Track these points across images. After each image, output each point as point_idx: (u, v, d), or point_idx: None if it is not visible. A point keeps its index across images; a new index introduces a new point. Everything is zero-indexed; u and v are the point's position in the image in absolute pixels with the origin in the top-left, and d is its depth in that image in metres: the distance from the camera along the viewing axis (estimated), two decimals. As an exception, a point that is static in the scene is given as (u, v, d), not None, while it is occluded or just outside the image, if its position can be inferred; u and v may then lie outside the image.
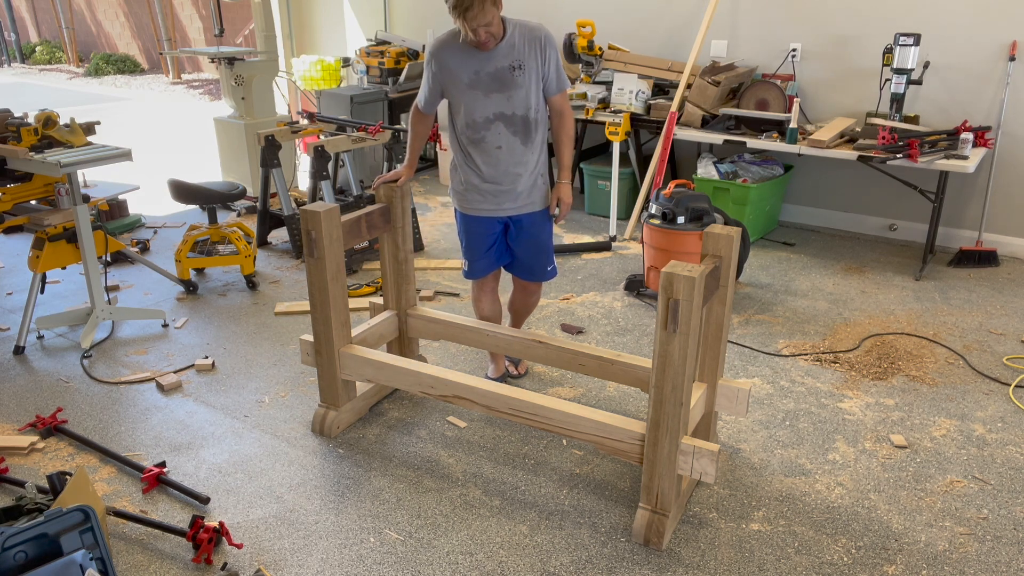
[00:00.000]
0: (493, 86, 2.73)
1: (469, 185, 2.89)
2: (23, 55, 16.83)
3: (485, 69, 2.72)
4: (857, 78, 4.85)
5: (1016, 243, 4.69)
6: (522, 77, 2.73)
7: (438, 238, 5.06)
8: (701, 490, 2.60)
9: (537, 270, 3.04)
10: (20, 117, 3.66)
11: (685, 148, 5.55)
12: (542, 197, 2.94)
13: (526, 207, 2.91)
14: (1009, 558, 2.29)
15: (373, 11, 6.82)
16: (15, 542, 1.88)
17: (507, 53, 2.70)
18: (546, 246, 3.01)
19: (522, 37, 2.71)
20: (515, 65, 2.71)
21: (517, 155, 2.82)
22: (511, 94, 2.74)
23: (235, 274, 4.47)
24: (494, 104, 2.76)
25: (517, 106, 2.76)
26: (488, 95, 2.75)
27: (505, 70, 2.71)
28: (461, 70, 2.74)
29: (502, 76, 2.72)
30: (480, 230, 2.95)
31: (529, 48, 2.71)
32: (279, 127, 4.73)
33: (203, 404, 3.13)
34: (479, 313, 3.16)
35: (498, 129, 2.79)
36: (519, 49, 2.71)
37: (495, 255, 3.02)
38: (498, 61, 2.71)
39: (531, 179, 2.88)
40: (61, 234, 3.59)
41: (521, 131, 2.80)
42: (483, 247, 2.98)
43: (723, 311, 2.47)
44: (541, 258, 3.02)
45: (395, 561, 2.28)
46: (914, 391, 3.20)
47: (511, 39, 2.70)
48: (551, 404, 2.44)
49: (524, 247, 2.98)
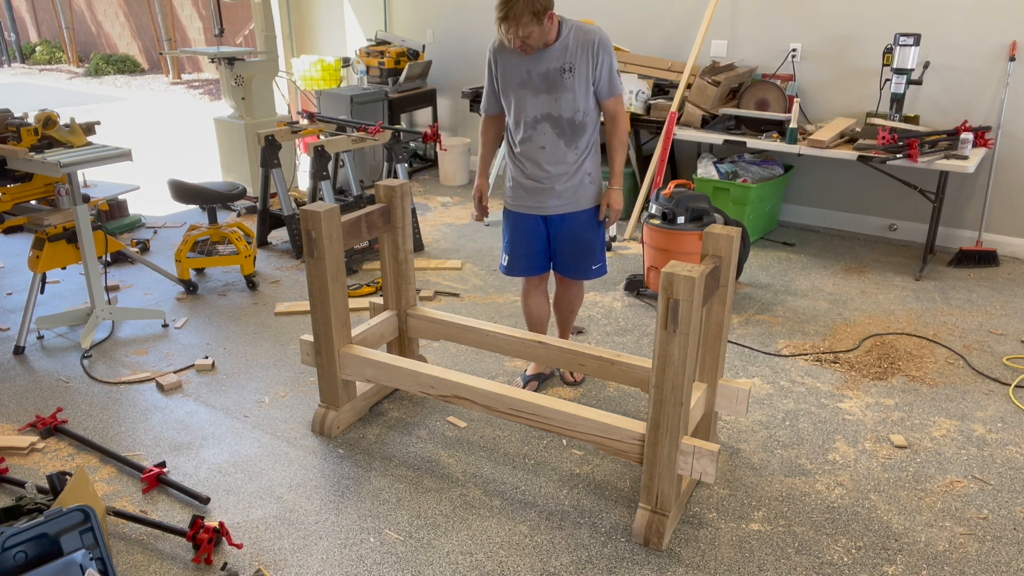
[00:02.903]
0: (542, 87, 2.74)
1: (515, 182, 2.95)
2: (23, 55, 16.83)
3: (536, 70, 2.73)
4: (857, 78, 4.85)
5: (1016, 243, 4.69)
6: (571, 80, 2.71)
7: (438, 238, 5.06)
8: (701, 490, 2.60)
9: (580, 268, 3.03)
10: (20, 117, 3.66)
11: (685, 148, 5.55)
12: (590, 197, 2.93)
13: (568, 206, 2.91)
14: (1009, 558, 2.29)
15: (373, 11, 6.82)
16: (15, 542, 1.88)
17: (559, 55, 2.70)
18: (591, 245, 2.99)
19: (576, 40, 2.69)
20: (565, 67, 2.70)
21: (560, 155, 2.83)
22: (559, 96, 2.74)
23: (235, 274, 4.47)
24: (542, 104, 2.77)
25: (564, 108, 2.76)
26: (537, 95, 2.76)
27: (555, 72, 2.71)
28: (514, 70, 2.77)
29: (552, 78, 2.72)
30: (522, 227, 2.99)
31: (582, 51, 2.69)
32: (279, 127, 4.73)
33: (203, 404, 3.13)
34: (525, 312, 3.21)
35: (544, 129, 2.80)
36: (571, 52, 2.69)
37: (537, 256, 3.03)
38: (549, 63, 2.71)
39: (575, 179, 2.87)
40: (61, 234, 3.59)
41: (567, 133, 2.80)
42: (524, 244, 3.01)
43: (723, 311, 2.47)
44: (586, 257, 3.00)
45: (395, 561, 2.28)
46: (914, 391, 3.20)
47: (565, 41, 2.69)
48: (551, 404, 2.44)
49: (566, 244, 2.98)
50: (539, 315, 3.19)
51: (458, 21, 6.40)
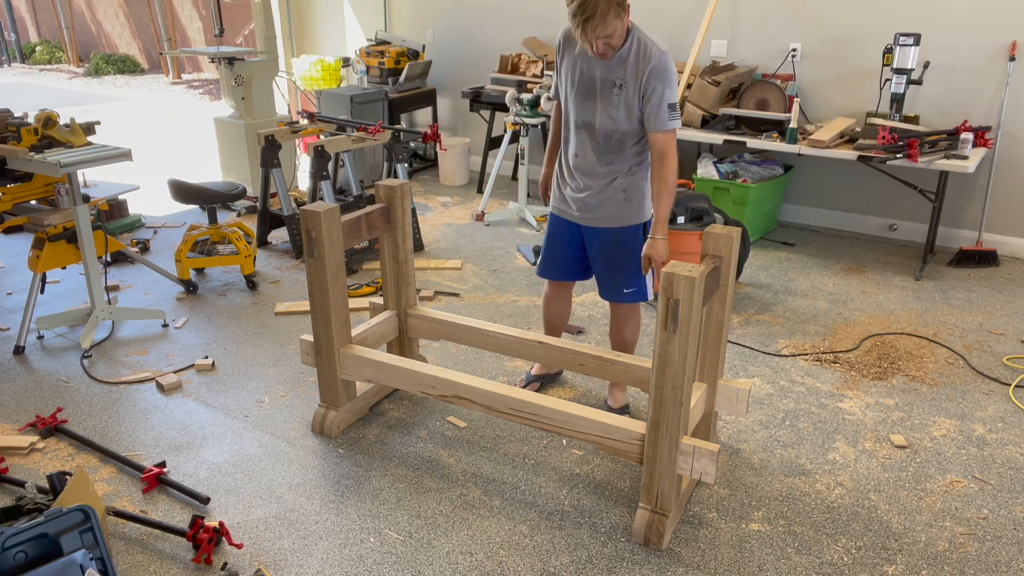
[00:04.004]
0: (590, 93, 2.60)
1: (556, 183, 2.88)
2: (23, 55, 16.83)
3: (589, 74, 2.58)
4: (857, 78, 4.85)
5: (1016, 243, 4.69)
6: (618, 96, 2.54)
7: (438, 238, 5.06)
8: (701, 490, 2.60)
9: (611, 288, 2.87)
10: (20, 117, 3.66)
11: (685, 148, 5.54)
12: (625, 215, 2.73)
13: (598, 221, 2.77)
14: (1009, 558, 2.29)
15: (373, 11, 6.83)
16: (15, 542, 1.88)
17: (616, 67, 2.52)
18: (623, 267, 2.80)
19: (635, 56, 2.50)
20: (616, 82, 2.53)
21: (589, 167, 2.70)
22: (601, 108, 2.59)
23: (235, 274, 4.47)
24: (586, 111, 2.63)
25: (603, 122, 2.60)
26: (584, 101, 2.63)
27: (606, 83, 2.55)
28: (573, 65, 2.62)
29: (601, 88, 2.57)
30: (556, 229, 2.92)
31: (634, 71, 2.50)
32: (279, 127, 4.73)
33: (203, 404, 3.13)
34: (544, 312, 3.15)
35: (581, 137, 2.68)
36: (628, 67, 2.51)
37: (566, 262, 2.94)
38: (604, 72, 2.55)
39: (607, 192, 2.70)
40: (61, 234, 3.59)
41: (600, 147, 2.65)
42: (555, 247, 2.94)
43: (723, 311, 2.47)
44: (617, 277, 2.83)
45: (395, 561, 2.28)
46: (914, 391, 3.20)
47: (625, 53, 2.51)
48: (551, 404, 2.44)
49: (597, 261, 2.87)
50: (554, 320, 3.15)
51: (458, 21, 6.40)
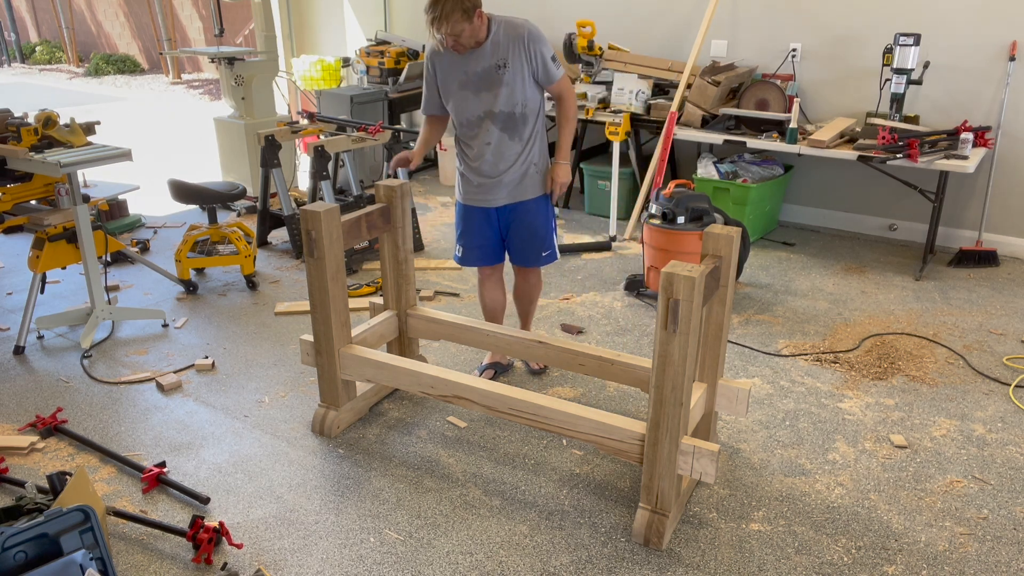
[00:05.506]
0: (481, 85, 2.82)
1: (464, 178, 3.04)
2: (23, 55, 16.83)
3: (473, 69, 2.81)
4: (857, 78, 4.85)
5: (1016, 243, 4.69)
6: (507, 75, 2.78)
7: (438, 238, 5.06)
8: (701, 490, 2.60)
9: (531, 255, 3.10)
10: (20, 117, 3.66)
11: (685, 148, 5.55)
12: (535, 186, 3.00)
13: (516, 196, 3.00)
14: (1009, 558, 2.29)
15: (373, 11, 6.83)
16: (15, 542, 1.88)
17: (492, 52, 2.77)
18: (539, 232, 3.06)
19: (506, 36, 2.77)
20: (500, 64, 2.78)
21: (505, 150, 2.91)
22: (498, 92, 2.81)
23: (235, 274, 4.47)
24: (483, 103, 2.84)
25: (503, 103, 2.82)
26: (477, 94, 2.84)
27: (491, 69, 2.78)
28: (452, 72, 2.85)
29: (488, 75, 2.80)
30: (473, 219, 3.08)
31: (513, 46, 2.76)
32: (279, 127, 4.73)
33: (203, 404, 3.13)
34: (481, 301, 3.29)
35: (487, 127, 2.88)
36: (503, 47, 2.77)
37: (490, 246, 3.12)
38: (484, 61, 2.78)
39: (521, 170, 2.95)
40: (61, 234, 3.59)
41: (510, 127, 2.88)
42: (475, 235, 3.10)
43: (723, 311, 2.47)
44: (535, 243, 3.08)
45: (395, 561, 2.28)
46: (914, 391, 3.20)
47: (495, 37, 2.77)
48: (551, 404, 2.44)
49: (516, 233, 3.07)
50: (493, 305, 3.28)
51: (458, 21, 6.39)
